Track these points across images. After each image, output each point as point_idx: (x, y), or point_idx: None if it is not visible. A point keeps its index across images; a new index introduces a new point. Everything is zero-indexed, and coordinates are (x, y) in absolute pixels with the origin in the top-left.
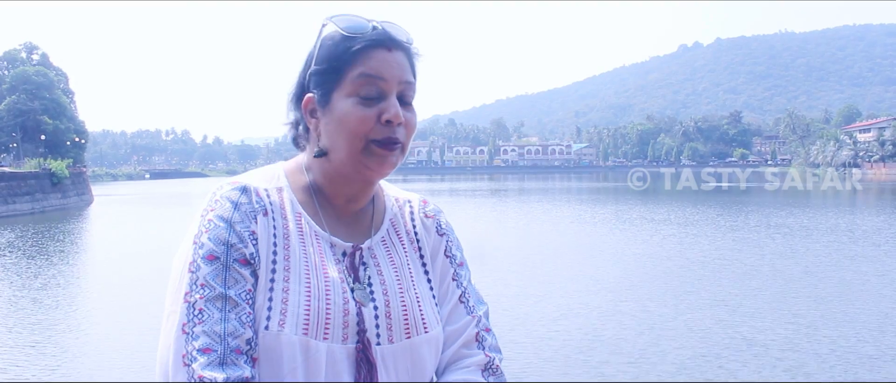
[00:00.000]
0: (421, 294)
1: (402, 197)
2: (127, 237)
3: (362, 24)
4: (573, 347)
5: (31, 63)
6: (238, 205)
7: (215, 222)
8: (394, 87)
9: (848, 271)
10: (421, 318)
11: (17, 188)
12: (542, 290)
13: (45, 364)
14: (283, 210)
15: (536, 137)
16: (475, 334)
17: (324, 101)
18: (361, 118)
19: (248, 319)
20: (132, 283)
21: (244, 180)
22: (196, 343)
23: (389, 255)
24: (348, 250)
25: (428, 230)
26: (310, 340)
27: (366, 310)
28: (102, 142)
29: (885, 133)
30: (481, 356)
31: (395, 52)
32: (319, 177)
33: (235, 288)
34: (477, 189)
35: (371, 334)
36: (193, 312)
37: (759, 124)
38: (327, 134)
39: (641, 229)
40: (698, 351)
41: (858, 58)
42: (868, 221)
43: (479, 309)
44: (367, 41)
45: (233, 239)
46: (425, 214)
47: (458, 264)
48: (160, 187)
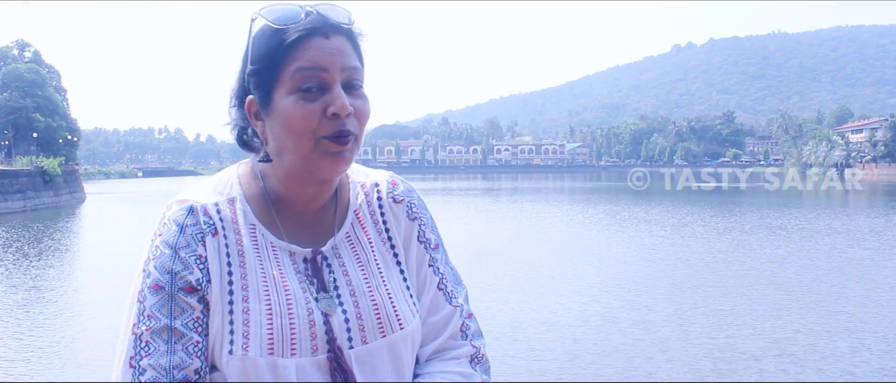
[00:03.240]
0: (392, 289)
1: (369, 180)
2: (119, 235)
3: (293, 12)
4: (584, 348)
5: (24, 60)
6: (184, 227)
7: (161, 249)
8: (337, 75)
9: (854, 271)
10: (395, 315)
11: (8, 186)
12: (559, 292)
13: (38, 363)
14: (236, 224)
15: (530, 137)
16: (460, 324)
17: (265, 102)
18: (305, 115)
19: (195, 349)
20: (125, 282)
21: (192, 197)
22: (143, 378)
23: (355, 253)
24: (308, 256)
25: (397, 217)
26: (276, 359)
27: (334, 318)
28: (95, 140)
29: (877, 133)
30: (468, 347)
31: (334, 37)
32: (274, 182)
33: (181, 318)
34: (470, 188)
35: (342, 341)
36: (140, 345)
37: (752, 124)
38: (274, 136)
39: (655, 230)
40: (699, 352)
41: (851, 58)
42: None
43: (458, 294)
44: (300, 31)
45: (177, 266)
46: (394, 199)
47: (434, 247)
48: (153, 185)
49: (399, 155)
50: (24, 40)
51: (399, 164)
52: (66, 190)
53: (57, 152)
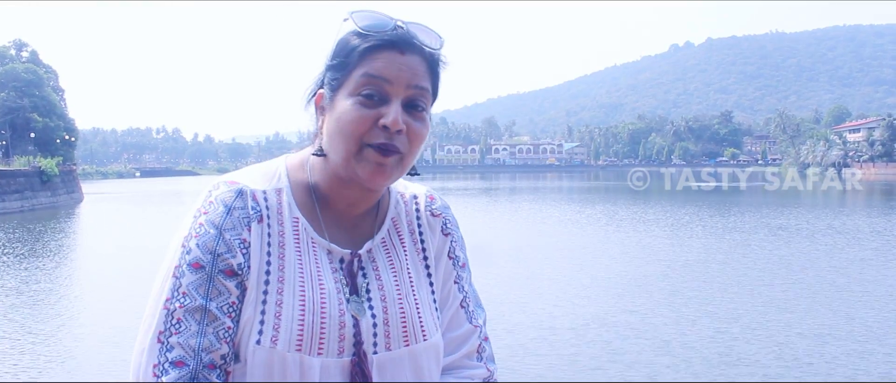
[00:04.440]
0: (421, 299)
1: (408, 192)
2: (117, 235)
3: (382, 21)
4: (592, 346)
5: (21, 60)
6: (231, 209)
7: (206, 228)
8: (400, 91)
9: (856, 272)
10: (420, 326)
11: (6, 186)
12: (559, 292)
13: (34, 363)
14: (281, 215)
15: (528, 136)
16: (477, 346)
17: (330, 98)
18: (358, 119)
19: (225, 334)
20: (123, 282)
21: (242, 180)
22: (170, 354)
23: (389, 259)
24: (346, 257)
25: (433, 230)
26: (303, 356)
27: (363, 322)
28: (93, 140)
29: (874, 133)
30: (482, 370)
31: (410, 55)
32: (320, 178)
33: (217, 300)
34: (468, 188)
35: (367, 345)
36: (171, 321)
37: (750, 124)
38: (327, 133)
39: (656, 230)
40: (699, 351)
41: (848, 58)
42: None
43: (479, 316)
44: (377, 40)
45: (221, 248)
46: (431, 213)
47: (461, 266)
48: (151, 185)
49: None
50: (22, 40)
51: None
52: (64, 190)
53: (54, 152)
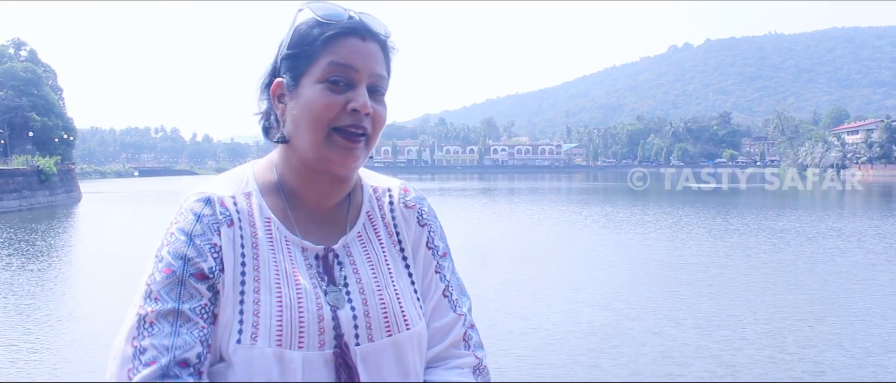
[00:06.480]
0: (401, 290)
1: (381, 185)
2: (115, 234)
3: (339, 12)
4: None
5: (19, 59)
6: (200, 216)
7: (176, 235)
8: (365, 77)
9: (858, 272)
10: (401, 315)
11: (4, 185)
12: (558, 293)
13: (33, 363)
14: (252, 217)
15: (527, 137)
16: (462, 334)
17: (292, 85)
18: (327, 104)
19: (199, 334)
20: (121, 281)
21: (209, 190)
22: (143, 357)
23: (366, 252)
24: (320, 253)
25: (408, 221)
26: (284, 351)
27: (342, 313)
28: (91, 140)
29: (872, 135)
30: (470, 357)
31: (370, 42)
32: (288, 175)
33: (189, 302)
34: (467, 188)
35: (349, 337)
36: (144, 325)
37: (749, 125)
38: (292, 119)
39: (657, 231)
40: (699, 352)
41: (846, 60)
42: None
43: (463, 304)
44: (341, 28)
45: (191, 253)
46: (405, 205)
47: (441, 255)
48: (149, 185)
49: (396, 155)
50: (20, 39)
51: (396, 164)
52: (63, 189)
53: (53, 151)
